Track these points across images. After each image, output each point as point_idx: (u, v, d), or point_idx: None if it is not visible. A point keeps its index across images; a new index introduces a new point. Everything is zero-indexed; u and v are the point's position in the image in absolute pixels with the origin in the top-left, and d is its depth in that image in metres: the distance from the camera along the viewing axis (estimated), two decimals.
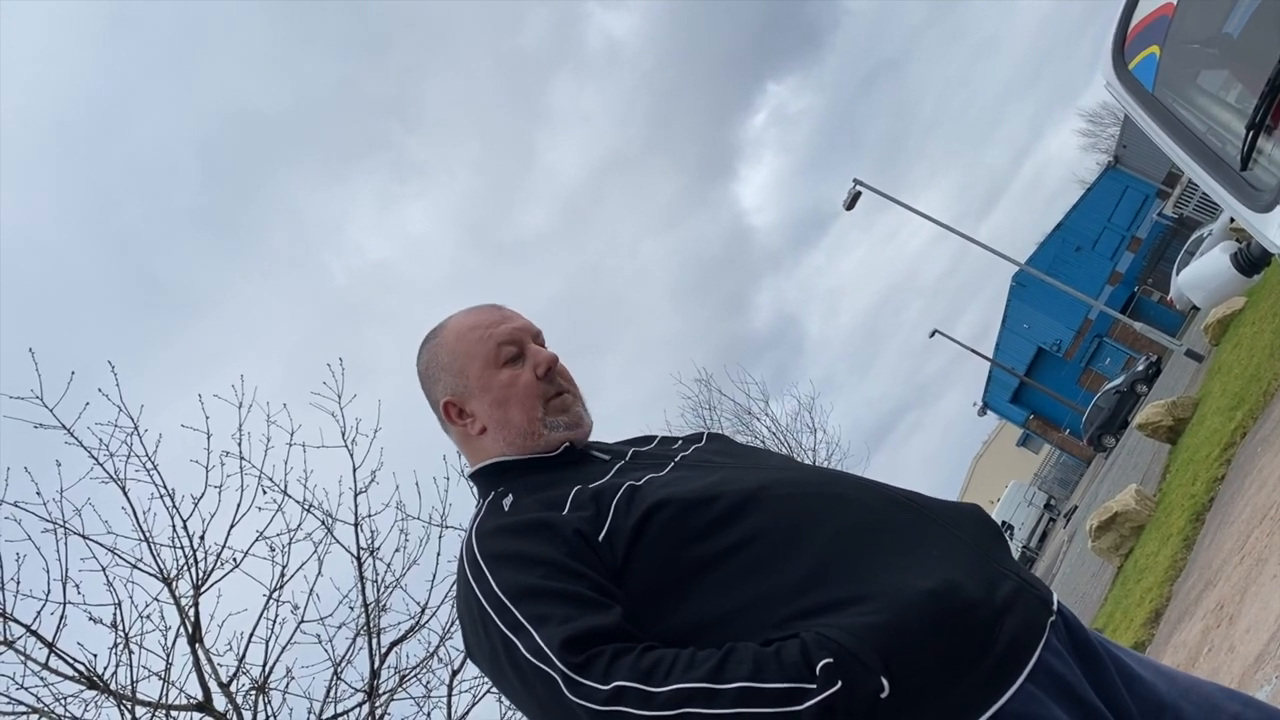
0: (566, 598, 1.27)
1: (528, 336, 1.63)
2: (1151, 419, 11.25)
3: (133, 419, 5.24)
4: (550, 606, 1.27)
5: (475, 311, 1.67)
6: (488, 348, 1.59)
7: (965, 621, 1.20)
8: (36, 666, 4.84)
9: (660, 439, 1.72)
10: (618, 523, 1.36)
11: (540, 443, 1.57)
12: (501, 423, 1.58)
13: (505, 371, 1.58)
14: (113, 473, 5.21)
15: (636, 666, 1.18)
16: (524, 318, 1.67)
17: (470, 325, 1.63)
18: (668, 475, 1.47)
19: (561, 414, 1.58)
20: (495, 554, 1.37)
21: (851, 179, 21.41)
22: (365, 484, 5.79)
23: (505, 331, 1.61)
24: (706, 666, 1.17)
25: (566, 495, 1.44)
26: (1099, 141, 39.55)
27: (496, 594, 1.32)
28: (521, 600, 1.29)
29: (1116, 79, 2.78)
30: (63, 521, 4.94)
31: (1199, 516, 7.25)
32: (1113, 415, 24.55)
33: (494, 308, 1.68)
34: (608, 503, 1.39)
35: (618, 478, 1.47)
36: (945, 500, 1.45)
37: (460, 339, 1.62)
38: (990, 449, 49.13)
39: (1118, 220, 32.87)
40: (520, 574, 1.33)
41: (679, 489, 1.39)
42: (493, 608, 1.31)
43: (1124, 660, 1.35)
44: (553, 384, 1.60)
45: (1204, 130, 2.64)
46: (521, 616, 1.28)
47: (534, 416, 1.57)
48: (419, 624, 5.89)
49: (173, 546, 5.30)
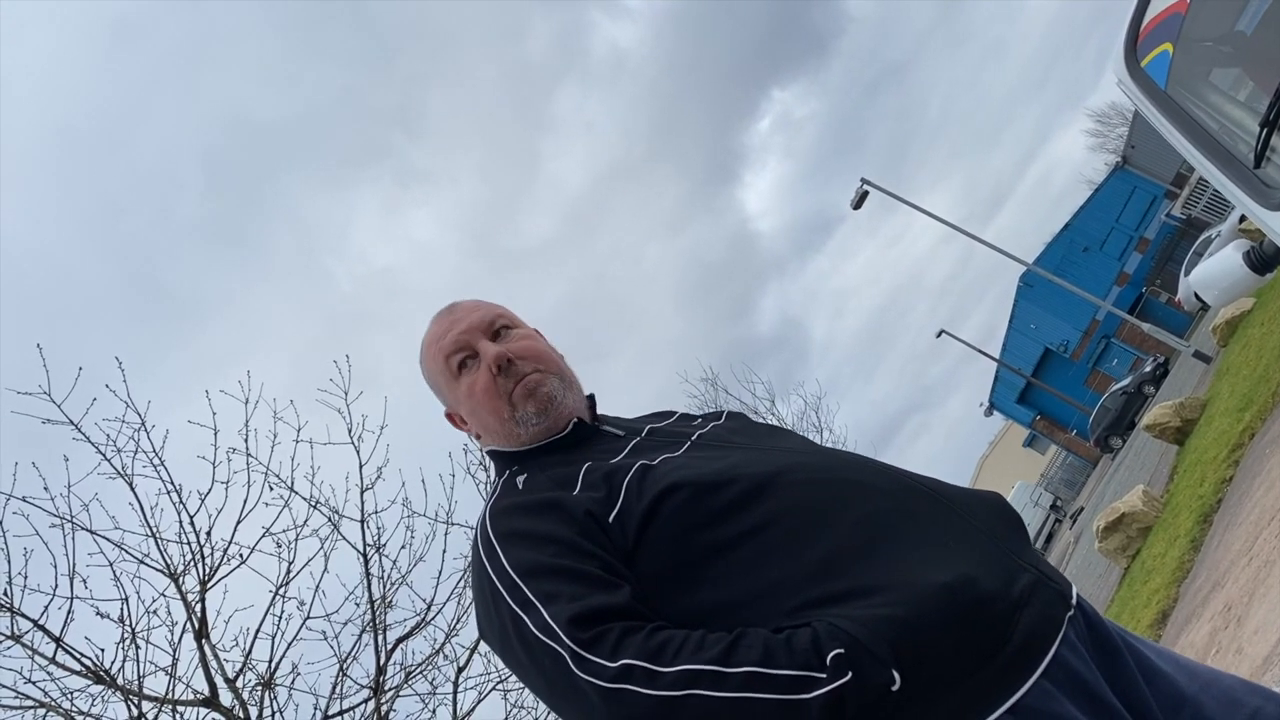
0: (575, 576, 1.27)
1: (478, 334, 1.61)
2: (1159, 420, 11.21)
3: (140, 415, 5.27)
4: (559, 584, 1.27)
5: (435, 321, 1.68)
6: (440, 363, 1.62)
7: (981, 616, 1.19)
8: (44, 661, 4.86)
9: (679, 415, 1.72)
10: (629, 504, 1.35)
11: (525, 438, 1.57)
12: (484, 428, 1.61)
13: (463, 381, 1.60)
14: (120, 468, 5.24)
15: (645, 645, 1.18)
16: (480, 309, 1.67)
17: (430, 340, 1.66)
18: (683, 455, 1.46)
19: (529, 401, 1.56)
20: (507, 532, 1.38)
21: (859, 179, 21.39)
22: (371, 480, 5.82)
23: (451, 341, 1.61)
24: (716, 649, 1.16)
25: (578, 474, 1.44)
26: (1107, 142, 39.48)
27: (507, 571, 1.32)
28: (531, 577, 1.29)
29: (1129, 77, 2.77)
30: (70, 517, 4.96)
31: (1207, 518, 7.22)
32: (1120, 416, 24.47)
33: (448, 312, 1.68)
34: (619, 483, 1.39)
35: (631, 456, 1.46)
36: (966, 489, 1.43)
37: (428, 357, 1.67)
38: (996, 449, 49.02)
39: (1125, 221, 32.76)
40: (531, 552, 1.33)
41: (693, 471, 1.38)
42: (503, 585, 1.32)
43: (1144, 654, 1.34)
44: (511, 375, 1.57)
45: (1217, 128, 2.63)
46: (531, 593, 1.28)
47: (503, 417, 1.57)
48: (425, 621, 5.91)
49: (179, 542, 5.33)
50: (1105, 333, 32.98)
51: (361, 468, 5.78)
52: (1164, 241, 31.59)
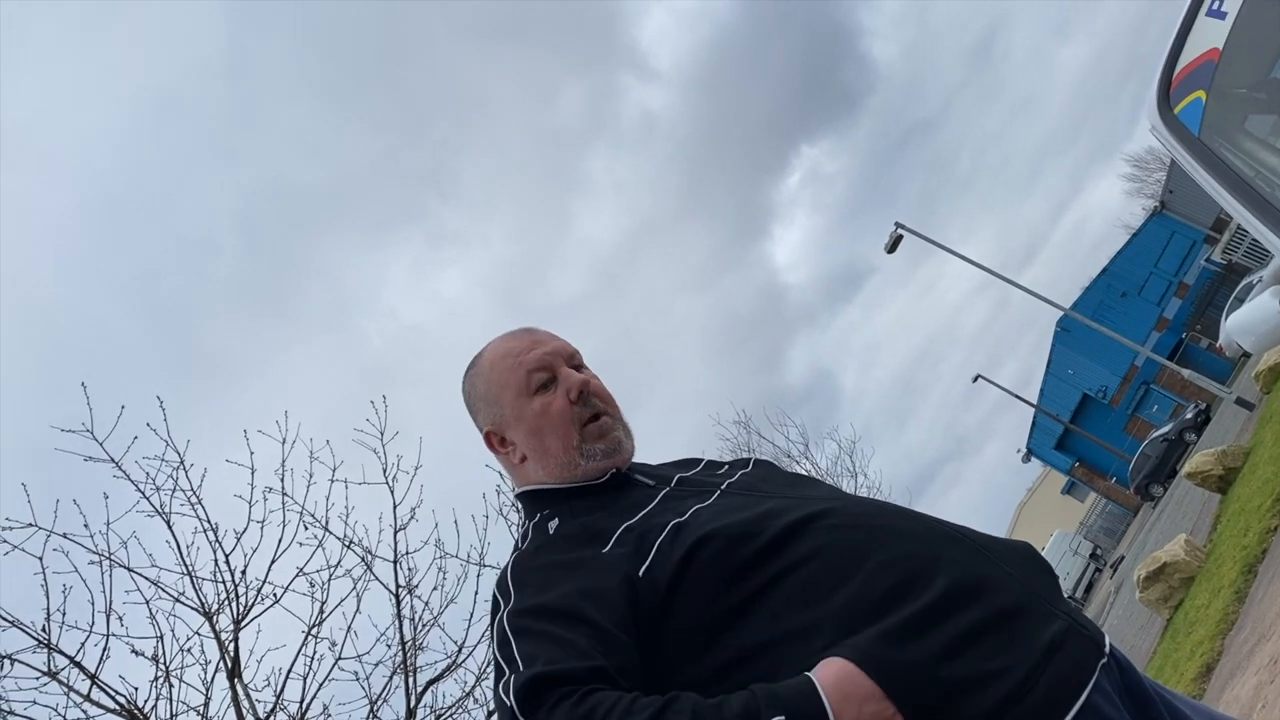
0: (557, 642, 1.28)
1: (560, 360, 1.61)
2: (1201, 468, 11.01)
3: (179, 453, 5.33)
4: (540, 647, 1.28)
5: (509, 338, 1.67)
6: (518, 376, 1.59)
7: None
8: (79, 698, 4.88)
9: (706, 463, 1.71)
10: (661, 558, 1.36)
11: (579, 472, 1.56)
12: (539, 451, 1.58)
13: (537, 399, 1.58)
14: (158, 506, 5.29)
15: (573, 711, 1.18)
16: (559, 339, 1.67)
17: (503, 353, 1.63)
18: (714, 504, 1.46)
19: (599, 440, 1.57)
20: (522, 582, 1.40)
21: (893, 222, 21.38)
22: (405, 521, 5.82)
23: (535, 358, 1.60)
24: (644, 715, 1.15)
25: (612, 531, 1.43)
26: (1145, 187, 39.24)
27: (503, 625, 1.35)
28: (520, 636, 1.31)
29: (1162, 124, 2.77)
30: (109, 554, 5.01)
31: (1251, 568, 7.07)
32: (1161, 463, 24.08)
33: (527, 331, 1.67)
34: (651, 543, 1.39)
35: (662, 510, 1.46)
36: (997, 537, 1.43)
37: (494, 368, 1.63)
38: (1035, 496, 48.31)
39: (1165, 265, 32.44)
40: (532, 609, 1.34)
41: (725, 521, 1.38)
42: (498, 636, 1.35)
43: (1178, 708, 1.33)
44: (588, 406, 1.58)
45: (1252, 175, 2.62)
46: (516, 651, 1.29)
47: (570, 445, 1.56)
48: (455, 663, 5.88)
49: (215, 581, 5.35)
50: (1145, 379, 32.51)
51: (395, 508, 5.80)
52: (1204, 287, 31.22)
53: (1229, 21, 2.62)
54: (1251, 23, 2.59)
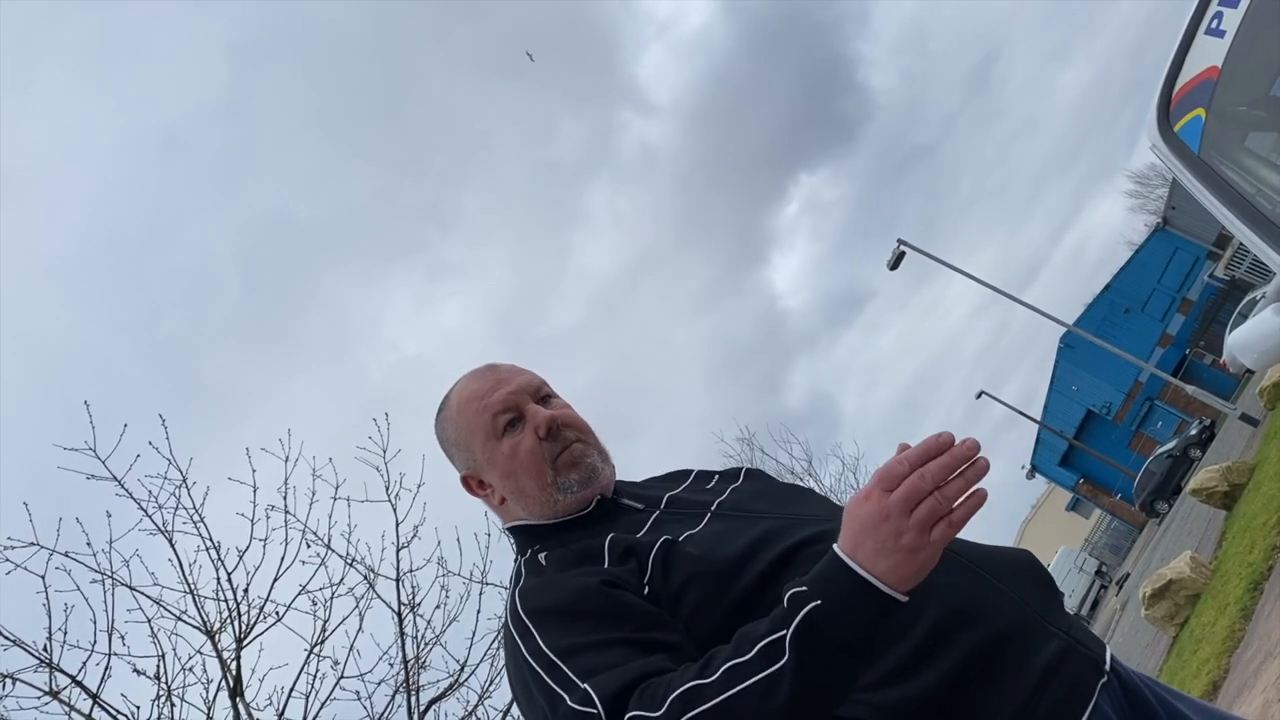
0: (610, 644, 1.26)
1: (525, 397, 1.59)
2: (1206, 484, 10.97)
3: (181, 471, 5.33)
4: (596, 657, 1.25)
5: (473, 378, 1.64)
6: (484, 420, 1.57)
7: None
8: (80, 718, 4.86)
9: (695, 475, 1.69)
10: (655, 581, 1.36)
11: (559, 508, 1.54)
12: (516, 493, 1.57)
13: (506, 441, 1.56)
14: (161, 524, 5.29)
15: (641, 698, 1.17)
16: (524, 373, 1.64)
17: (467, 397, 1.61)
18: (705, 530, 1.44)
19: (572, 470, 1.55)
20: (539, 610, 1.36)
21: (895, 239, 21.41)
22: (407, 539, 5.82)
23: (500, 399, 1.57)
24: (694, 668, 1.16)
25: (603, 546, 1.43)
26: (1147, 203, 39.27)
27: (544, 652, 1.30)
28: (570, 656, 1.27)
29: (1162, 142, 2.78)
30: (111, 572, 5.01)
31: (1257, 586, 7.03)
32: (1165, 480, 23.99)
33: (490, 369, 1.65)
34: (645, 559, 1.39)
35: (653, 532, 1.45)
36: (993, 547, 1.41)
37: (460, 412, 1.61)
38: (1039, 513, 48.12)
39: (1168, 282, 32.44)
40: (565, 629, 1.31)
41: (715, 554, 1.37)
42: (541, 665, 1.29)
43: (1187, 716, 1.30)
44: (558, 441, 1.56)
45: (1253, 192, 2.62)
46: (571, 672, 1.25)
47: (545, 483, 1.54)
48: (458, 682, 5.87)
49: (217, 599, 5.35)
50: (1149, 395, 32.46)
51: (398, 526, 5.80)
52: (1207, 303, 31.20)
53: (1228, 39, 2.64)
54: (1250, 41, 2.60)
